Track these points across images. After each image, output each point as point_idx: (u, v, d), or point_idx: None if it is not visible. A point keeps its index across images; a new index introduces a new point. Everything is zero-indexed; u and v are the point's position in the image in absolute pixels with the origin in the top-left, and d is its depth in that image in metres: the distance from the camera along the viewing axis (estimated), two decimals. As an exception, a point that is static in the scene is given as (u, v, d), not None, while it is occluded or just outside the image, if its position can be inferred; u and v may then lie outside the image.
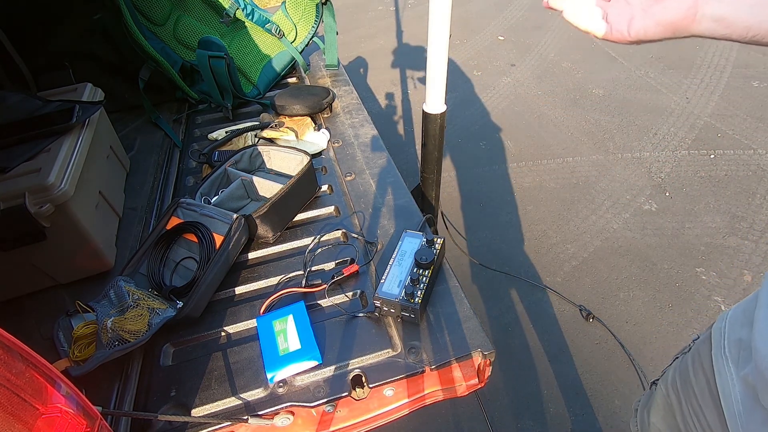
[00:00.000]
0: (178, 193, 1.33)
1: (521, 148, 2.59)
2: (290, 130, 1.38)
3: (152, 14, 1.59)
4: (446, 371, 0.84)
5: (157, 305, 0.90)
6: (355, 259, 1.02)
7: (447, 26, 1.09)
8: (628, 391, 1.48)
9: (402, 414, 0.89)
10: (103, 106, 1.23)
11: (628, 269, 1.86)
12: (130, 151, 1.46)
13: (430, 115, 1.28)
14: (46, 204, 0.90)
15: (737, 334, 0.58)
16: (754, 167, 2.29)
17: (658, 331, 1.64)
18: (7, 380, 0.43)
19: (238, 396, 0.80)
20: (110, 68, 1.60)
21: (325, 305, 0.94)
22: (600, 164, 2.41)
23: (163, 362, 0.87)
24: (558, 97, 3.00)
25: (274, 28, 1.74)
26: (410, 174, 2.40)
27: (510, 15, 4.22)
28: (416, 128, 2.80)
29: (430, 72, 1.19)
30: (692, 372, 0.66)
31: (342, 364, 0.82)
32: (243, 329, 0.92)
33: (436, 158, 1.38)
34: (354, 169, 1.30)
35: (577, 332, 1.66)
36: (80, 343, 0.85)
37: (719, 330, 0.62)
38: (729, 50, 3.29)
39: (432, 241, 0.96)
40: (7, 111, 1.15)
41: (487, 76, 3.32)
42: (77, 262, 1.04)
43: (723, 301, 1.70)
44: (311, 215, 1.16)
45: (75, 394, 0.52)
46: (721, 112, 2.70)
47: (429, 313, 0.89)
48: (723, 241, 1.93)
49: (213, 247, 0.98)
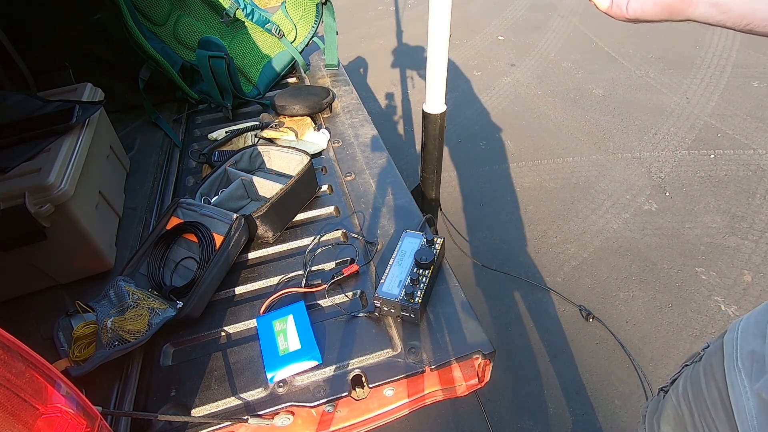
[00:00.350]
0: (178, 193, 1.33)
1: (521, 148, 2.59)
2: (290, 130, 1.38)
3: (152, 14, 1.59)
4: (446, 371, 0.84)
5: (157, 305, 0.90)
6: (355, 259, 1.02)
7: (447, 26, 1.10)
8: (628, 391, 1.48)
9: (402, 414, 0.89)
10: (103, 106, 1.23)
11: (628, 269, 1.86)
12: (130, 151, 1.46)
13: (430, 115, 1.28)
14: (46, 204, 0.90)
15: (750, 346, 0.57)
16: (754, 167, 2.29)
17: (658, 331, 1.64)
18: (7, 380, 0.43)
19: (238, 396, 0.80)
20: (110, 68, 1.60)
21: (325, 305, 0.94)
22: (600, 164, 2.41)
23: (163, 362, 0.87)
24: (558, 97, 3.00)
25: (274, 28, 1.75)
26: (410, 174, 2.39)
27: (510, 15, 4.22)
28: (416, 128, 2.80)
29: (430, 72, 1.19)
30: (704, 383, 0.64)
31: (342, 364, 0.82)
32: (243, 329, 0.92)
33: (436, 158, 1.38)
34: (354, 169, 1.30)
35: (577, 332, 1.66)
36: (80, 343, 0.85)
37: (731, 341, 0.61)
38: (729, 50, 3.29)
39: (432, 241, 0.96)
40: (7, 111, 1.15)
41: (487, 76, 3.32)
42: (77, 262, 1.04)
43: (723, 301, 1.70)
44: (311, 215, 1.16)
45: (75, 394, 0.52)
46: (721, 112, 2.70)
47: (429, 313, 0.89)
48: (723, 241, 1.93)
49: (213, 247, 0.98)
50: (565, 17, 4.08)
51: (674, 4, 0.46)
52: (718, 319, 1.64)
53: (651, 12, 0.48)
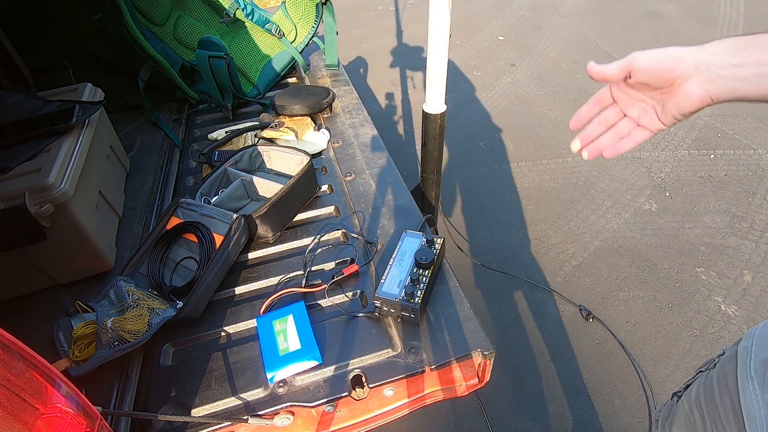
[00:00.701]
0: (178, 193, 1.33)
1: (521, 148, 2.59)
2: (290, 130, 1.38)
3: (152, 14, 1.59)
4: (446, 371, 0.84)
5: (157, 305, 0.90)
6: (355, 259, 1.02)
7: (447, 26, 1.09)
8: (628, 391, 1.48)
9: (402, 414, 0.89)
10: (103, 106, 1.22)
11: (628, 269, 1.86)
12: (130, 151, 1.46)
13: (430, 115, 1.28)
14: (46, 204, 0.90)
15: (764, 354, 0.57)
16: (754, 167, 2.29)
17: (658, 331, 1.64)
18: (7, 380, 0.43)
19: (238, 396, 0.80)
20: (110, 68, 1.60)
21: (325, 305, 0.94)
22: (600, 164, 2.41)
23: (163, 362, 0.87)
24: (558, 97, 3.00)
25: (274, 28, 1.74)
26: (410, 174, 2.39)
27: (510, 15, 4.22)
28: (416, 128, 2.80)
29: (430, 72, 1.19)
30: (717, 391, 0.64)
31: (342, 364, 0.82)
32: (243, 329, 0.92)
33: (436, 158, 1.38)
34: (354, 169, 1.30)
35: (577, 332, 1.66)
36: (80, 343, 0.85)
37: (745, 349, 0.60)
38: (729, 50, 3.29)
39: (432, 241, 0.96)
40: (7, 111, 1.15)
41: (487, 76, 3.32)
42: (77, 262, 1.04)
43: (723, 301, 1.70)
44: (311, 215, 1.16)
45: (75, 394, 0.52)
46: (721, 112, 2.70)
47: (429, 313, 0.89)
48: (723, 241, 1.93)
49: (213, 247, 0.98)
50: (565, 17, 4.08)
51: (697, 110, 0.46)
52: (718, 319, 1.64)
53: (682, 118, 0.48)
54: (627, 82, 0.50)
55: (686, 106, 0.46)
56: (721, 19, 3.74)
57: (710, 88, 0.43)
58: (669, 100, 0.47)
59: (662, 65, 0.46)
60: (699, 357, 1.54)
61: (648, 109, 0.51)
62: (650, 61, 0.47)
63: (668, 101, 0.48)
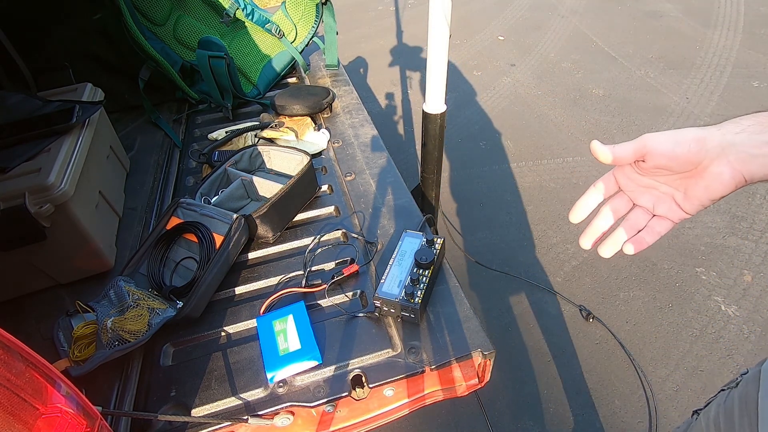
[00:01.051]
0: (178, 193, 1.33)
1: (521, 148, 2.59)
2: (290, 130, 1.38)
3: (152, 14, 1.59)
4: (446, 371, 0.84)
5: (157, 305, 0.90)
6: (355, 259, 1.02)
7: (447, 26, 1.10)
8: (628, 391, 1.48)
9: (402, 414, 0.89)
10: (103, 106, 1.22)
11: (628, 269, 1.86)
12: (130, 151, 1.46)
13: (430, 115, 1.28)
14: (46, 204, 0.90)
15: None
16: (754, 167, 2.29)
17: (658, 331, 1.64)
18: (7, 380, 0.43)
19: (238, 396, 0.80)
20: (110, 68, 1.60)
21: (325, 305, 0.94)
22: (600, 164, 2.41)
23: (163, 362, 0.87)
24: (558, 97, 3.00)
25: (274, 28, 1.74)
26: (410, 174, 2.39)
27: (510, 15, 4.22)
28: (416, 128, 2.80)
29: (430, 72, 1.19)
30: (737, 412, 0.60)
31: (342, 364, 0.82)
32: (243, 329, 0.92)
33: (436, 158, 1.38)
34: (354, 169, 1.30)
35: (577, 332, 1.66)
36: (80, 343, 0.85)
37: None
38: (729, 50, 3.29)
39: (432, 241, 0.96)
40: (7, 111, 1.15)
41: (487, 76, 3.32)
42: (77, 262, 1.04)
43: (723, 301, 1.70)
44: (311, 215, 1.16)
45: (75, 394, 0.52)
46: (721, 112, 2.70)
47: (429, 313, 0.89)
48: (723, 241, 1.93)
49: (213, 247, 0.98)
50: (565, 17, 4.08)
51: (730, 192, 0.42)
52: (718, 319, 1.64)
53: (712, 203, 0.44)
54: (640, 166, 0.46)
55: (718, 190, 0.42)
56: (721, 19, 3.74)
57: (743, 169, 0.40)
58: (695, 185, 0.43)
59: (685, 148, 0.42)
60: (699, 357, 1.54)
61: (663, 197, 0.47)
62: (668, 144, 0.43)
63: (693, 187, 0.44)
